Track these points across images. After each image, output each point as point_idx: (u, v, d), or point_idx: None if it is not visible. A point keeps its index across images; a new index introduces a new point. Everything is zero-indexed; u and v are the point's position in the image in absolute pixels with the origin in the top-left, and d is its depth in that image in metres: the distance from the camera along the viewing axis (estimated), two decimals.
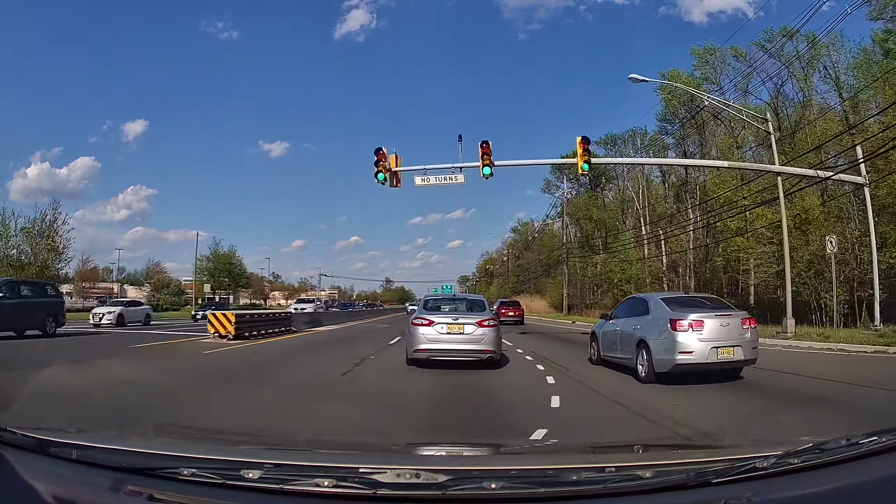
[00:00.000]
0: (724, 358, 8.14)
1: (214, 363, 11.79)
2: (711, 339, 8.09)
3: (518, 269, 76.07)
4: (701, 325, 8.13)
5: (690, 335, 8.08)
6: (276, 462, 1.65)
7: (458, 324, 9.90)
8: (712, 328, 8.15)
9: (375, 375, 9.81)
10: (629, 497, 1.48)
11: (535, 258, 67.83)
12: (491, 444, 3.91)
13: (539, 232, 69.34)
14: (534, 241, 70.95)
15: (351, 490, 1.45)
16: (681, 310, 8.59)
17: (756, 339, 8.66)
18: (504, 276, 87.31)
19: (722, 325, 8.23)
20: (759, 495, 1.47)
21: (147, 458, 1.65)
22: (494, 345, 9.96)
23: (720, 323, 8.25)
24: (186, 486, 1.50)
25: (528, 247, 73.26)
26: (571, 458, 2.26)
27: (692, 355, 8.02)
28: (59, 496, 1.49)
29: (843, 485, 1.53)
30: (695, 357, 8.03)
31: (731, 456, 1.71)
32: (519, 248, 78.99)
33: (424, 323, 9.96)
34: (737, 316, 8.65)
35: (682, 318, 8.23)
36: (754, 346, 8.47)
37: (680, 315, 8.32)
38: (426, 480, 1.50)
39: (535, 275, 67.38)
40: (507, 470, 1.68)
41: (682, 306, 8.84)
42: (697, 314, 8.33)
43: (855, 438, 1.69)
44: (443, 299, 12.08)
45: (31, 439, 1.71)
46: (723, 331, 8.20)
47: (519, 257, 77.70)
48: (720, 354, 8.09)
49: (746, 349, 8.29)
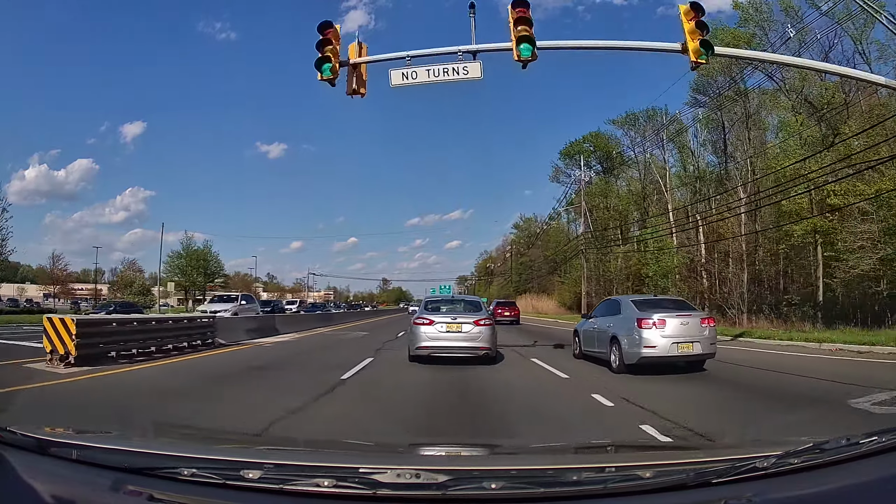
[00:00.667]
0: (685, 352, 9.41)
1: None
2: (672, 336, 9.31)
3: (521, 267, 73.17)
4: (664, 324, 9.35)
5: (654, 332, 9.32)
6: (276, 462, 1.65)
7: (457, 323, 10.68)
8: (674, 326, 9.37)
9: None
10: (629, 497, 1.48)
11: (541, 255, 64.57)
12: (491, 444, 3.91)
13: (545, 226, 64.42)
14: (539, 237, 66.99)
15: (351, 490, 1.45)
16: (647, 310, 9.78)
17: (714, 336, 9.97)
18: (506, 275, 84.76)
19: (682, 324, 9.44)
20: (759, 495, 1.47)
21: (147, 458, 1.65)
22: (490, 342, 10.71)
23: (681, 322, 9.45)
24: (186, 486, 1.50)
25: (533, 244, 69.72)
26: (571, 458, 2.27)
27: (655, 349, 9.27)
28: (59, 496, 1.49)
29: (843, 485, 1.53)
30: (658, 351, 9.27)
31: (731, 456, 1.71)
32: (522, 244, 75.65)
33: (425, 322, 10.71)
34: (696, 316, 9.94)
35: (648, 317, 9.47)
36: (712, 342, 9.78)
37: (646, 315, 9.54)
38: (426, 480, 1.50)
39: (539, 273, 64.87)
40: (507, 470, 1.68)
41: (649, 307, 10.02)
42: (660, 314, 9.53)
43: (855, 438, 1.69)
44: (442, 300, 12.84)
45: (31, 439, 1.71)
46: (683, 328, 9.42)
47: (522, 254, 74.03)
48: (680, 349, 9.35)
49: (705, 345, 9.55)
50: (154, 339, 12.36)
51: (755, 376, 9.93)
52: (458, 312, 11.19)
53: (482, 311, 11.55)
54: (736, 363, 11.18)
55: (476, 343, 10.54)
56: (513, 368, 10.69)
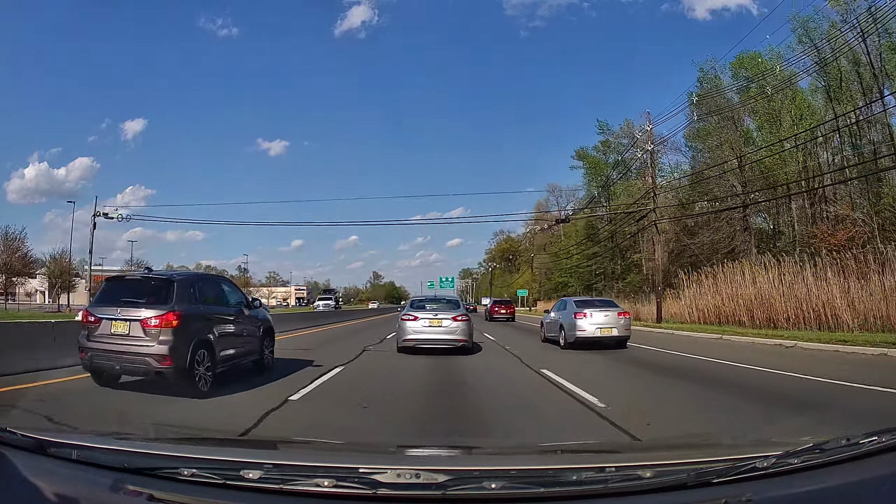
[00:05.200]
0: (606, 335, 13.79)
1: None
2: (597, 323, 13.82)
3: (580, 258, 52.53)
4: (591, 316, 13.89)
5: (584, 321, 13.82)
6: (276, 462, 1.66)
7: (438, 318, 12.44)
8: (598, 317, 13.95)
9: None
10: (629, 497, 1.48)
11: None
12: (491, 444, 3.91)
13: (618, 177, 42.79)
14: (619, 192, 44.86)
15: (351, 490, 1.45)
16: (581, 307, 14.33)
17: (628, 324, 14.64)
18: (542, 266, 64.95)
19: (605, 315, 14.08)
20: (758, 495, 1.48)
21: (147, 458, 1.65)
22: (466, 335, 12.51)
23: (604, 314, 14.11)
24: (186, 486, 1.50)
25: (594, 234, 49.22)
26: (571, 458, 2.27)
27: (585, 332, 13.70)
28: (60, 496, 1.49)
29: (843, 485, 1.53)
30: (586, 334, 13.69)
31: (731, 456, 1.71)
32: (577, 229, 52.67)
33: (411, 318, 12.52)
34: (614, 309, 14.62)
35: (581, 311, 14.06)
36: (627, 328, 14.38)
37: (580, 310, 14.14)
38: (426, 480, 1.50)
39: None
40: (506, 470, 1.68)
41: (584, 305, 14.64)
42: (589, 309, 14.16)
43: (855, 438, 1.69)
44: (426, 300, 14.55)
45: (31, 439, 1.71)
46: (605, 318, 14.00)
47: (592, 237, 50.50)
48: (602, 332, 13.78)
49: (621, 329, 14.08)
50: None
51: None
52: (439, 310, 12.85)
53: (460, 308, 13.36)
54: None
55: (454, 336, 12.27)
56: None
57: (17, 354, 8.41)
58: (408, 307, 13.45)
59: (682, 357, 12.59)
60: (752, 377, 9.42)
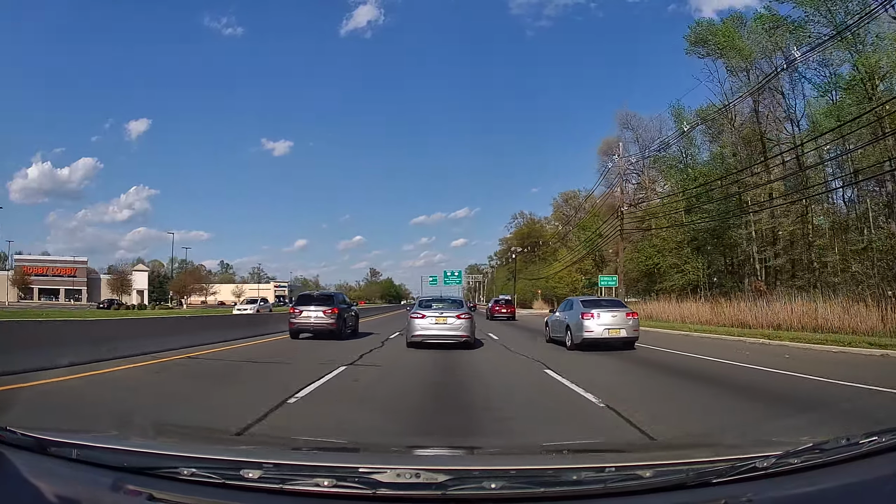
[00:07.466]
0: (614, 335, 13.32)
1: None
2: (604, 324, 13.31)
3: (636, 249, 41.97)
4: (599, 316, 13.37)
5: (592, 321, 13.32)
6: (276, 462, 1.65)
7: (443, 316, 13.78)
8: (605, 317, 13.42)
9: None
10: (629, 497, 1.48)
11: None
12: (491, 444, 3.91)
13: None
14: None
15: (351, 490, 1.45)
16: (589, 307, 13.84)
17: (637, 324, 14.04)
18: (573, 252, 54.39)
19: (613, 316, 13.56)
20: (758, 495, 1.47)
21: (147, 458, 1.65)
22: (469, 331, 13.73)
23: (611, 314, 13.58)
24: (186, 486, 1.50)
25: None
26: (571, 458, 2.27)
27: (592, 333, 13.22)
28: (60, 496, 1.49)
29: (843, 485, 1.53)
30: (594, 335, 13.21)
31: (731, 456, 1.71)
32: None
33: (419, 316, 13.86)
34: (623, 310, 14.05)
35: (588, 311, 13.56)
36: (635, 329, 13.83)
37: (587, 310, 13.65)
38: (426, 480, 1.50)
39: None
40: (506, 470, 1.67)
41: (591, 305, 14.14)
42: (596, 309, 13.62)
43: (855, 438, 1.69)
44: (433, 300, 15.83)
45: (31, 439, 1.71)
46: (612, 319, 13.47)
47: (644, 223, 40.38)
48: (610, 333, 13.30)
49: (629, 330, 13.56)
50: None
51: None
52: (445, 308, 14.21)
53: (463, 307, 14.72)
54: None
55: (458, 332, 13.53)
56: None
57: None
58: (416, 307, 14.84)
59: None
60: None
